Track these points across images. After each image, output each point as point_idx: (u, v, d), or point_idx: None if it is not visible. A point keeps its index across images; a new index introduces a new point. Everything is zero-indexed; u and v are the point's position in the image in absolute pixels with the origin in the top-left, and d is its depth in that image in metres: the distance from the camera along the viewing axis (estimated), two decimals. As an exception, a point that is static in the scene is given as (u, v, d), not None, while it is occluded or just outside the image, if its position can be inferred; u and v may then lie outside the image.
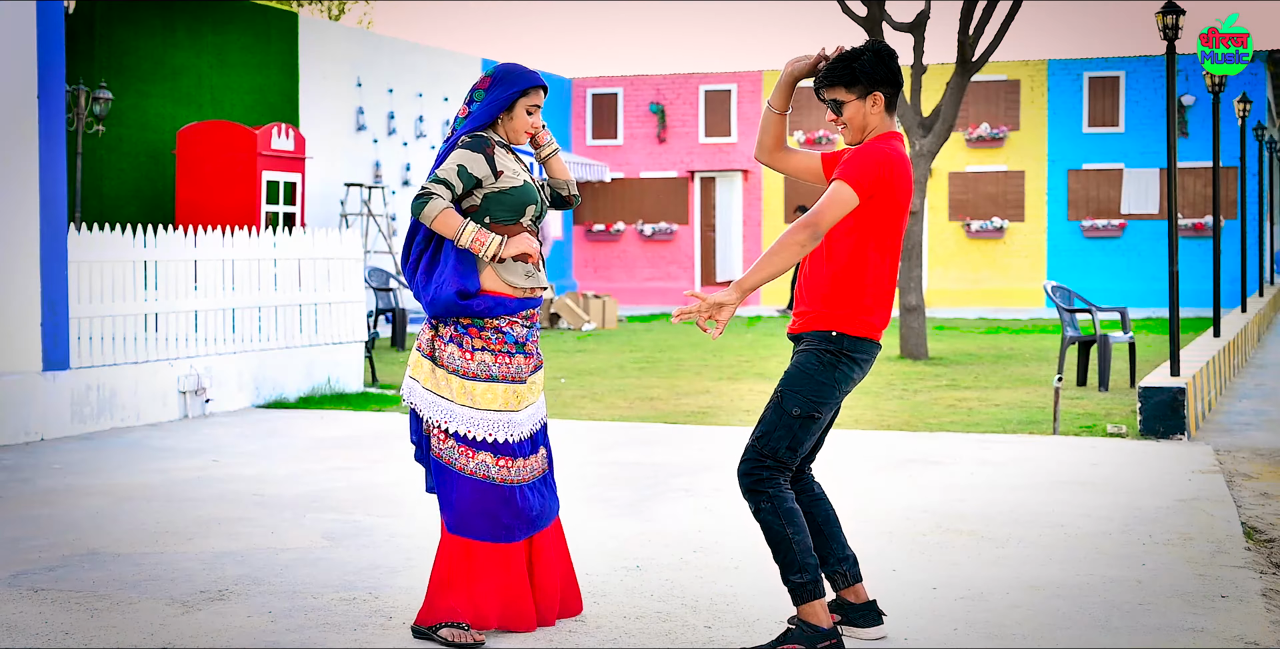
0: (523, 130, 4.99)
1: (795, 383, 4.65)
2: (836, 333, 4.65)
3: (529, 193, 4.96)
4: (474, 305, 4.85)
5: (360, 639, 4.82)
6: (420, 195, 4.82)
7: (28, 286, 9.70)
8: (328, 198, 21.81)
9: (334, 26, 22.89)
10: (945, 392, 12.76)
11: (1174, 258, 10.81)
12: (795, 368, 4.68)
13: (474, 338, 4.89)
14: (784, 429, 4.63)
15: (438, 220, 4.80)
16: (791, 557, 4.59)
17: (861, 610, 4.85)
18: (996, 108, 29.09)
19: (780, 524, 4.60)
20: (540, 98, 5.00)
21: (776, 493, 4.62)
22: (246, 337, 11.73)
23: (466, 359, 4.88)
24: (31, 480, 8.05)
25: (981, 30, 16.20)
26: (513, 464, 4.87)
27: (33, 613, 5.16)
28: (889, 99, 4.74)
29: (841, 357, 4.65)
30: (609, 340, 19.42)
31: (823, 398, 4.64)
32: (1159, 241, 28.08)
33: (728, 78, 30.74)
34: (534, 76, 4.98)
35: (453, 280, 4.85)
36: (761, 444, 4.64)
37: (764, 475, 4.63)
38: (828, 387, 4.64)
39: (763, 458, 4.63)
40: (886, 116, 4.76)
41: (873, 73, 4.69)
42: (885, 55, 4.73)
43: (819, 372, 4.64)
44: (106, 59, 17.92)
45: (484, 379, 4.87)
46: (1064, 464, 8.59)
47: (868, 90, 4.71)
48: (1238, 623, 5.03)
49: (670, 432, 10.15)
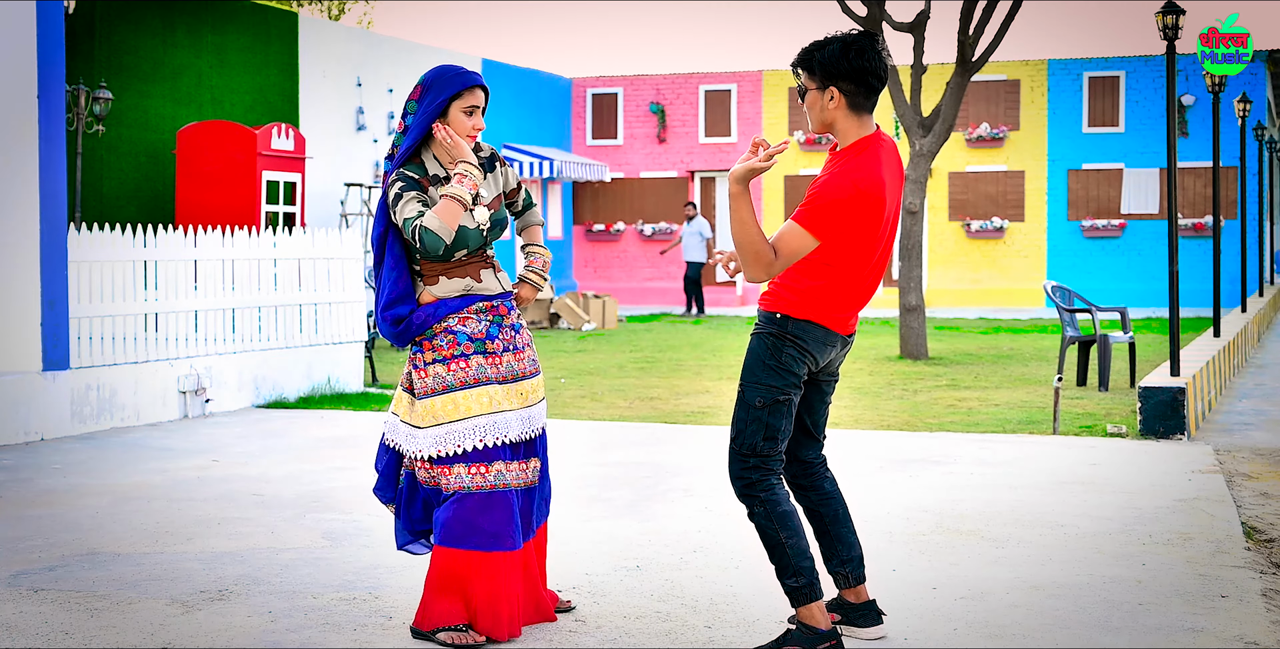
0: (464, 135, 4.79)
1: (749, 374, 4.60)
2: (780, 315, 4.56)
3: (459, 241, 4.75)
4: (413, 321, 4.79)
5: (360, 639, 4.82)
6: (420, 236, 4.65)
7: (28, 286, 9.70)
8: (328, 198, 21.81)
9: (334, 26, 22.89)
10: (945, 392, 12.76)
11: (1174, 258, 10.81)
12: (747, 357, 4.63)
13: (425, 351, 4.80)
14: (754, 423, 4.57)
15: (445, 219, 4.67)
16: (786, 561, 4.56)
17: (861, 610, 4.83)
18: (996, 108, 29.09)
19: (774, 529, 4.55)
20: (479, 97, 4.80)
21: (769, 496, 4.57)
22: (246, 337, 11.73)
23: (423, 378, 4.81)
24: (31, 480, 8.05)
25: (981, 30, 16.20)
26: (488, 470, 4.76)
27: (33, 613, 5.16)
28: (850, 96, 4.49)
29: (785, 339, 4.55)
30: (609, 340, 19.42)
31: (781, 380, 4.55)
32: (1159, 241, 28.08)
33: (728, 78, 30.74)
34: (468, 77, 4.78)
35: (382, 316, 4.80)
36: (738, 444, 4.60)
37: (753, 478, 4.58)
38: (779, 370, 4.55)
39: (744, 457, 4.59)
40: (851, 114, 4.52)
41: (830, 66, 4.47)
42: (855, 49, 4.47)
43: (766, 356, 4.56)
44: (106, 59, 17.91)
45: (440, 392, 4.77)
46: (1064, 464, 8.59)
47: (825, 83, 4.50)
48: (1238, 623, 5.03)
49: (670, 432, 10.15)
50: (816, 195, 4.42)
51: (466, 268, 4.87)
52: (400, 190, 4.77)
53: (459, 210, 4.72)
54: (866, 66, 4.48)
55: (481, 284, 4.88)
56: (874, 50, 4.50)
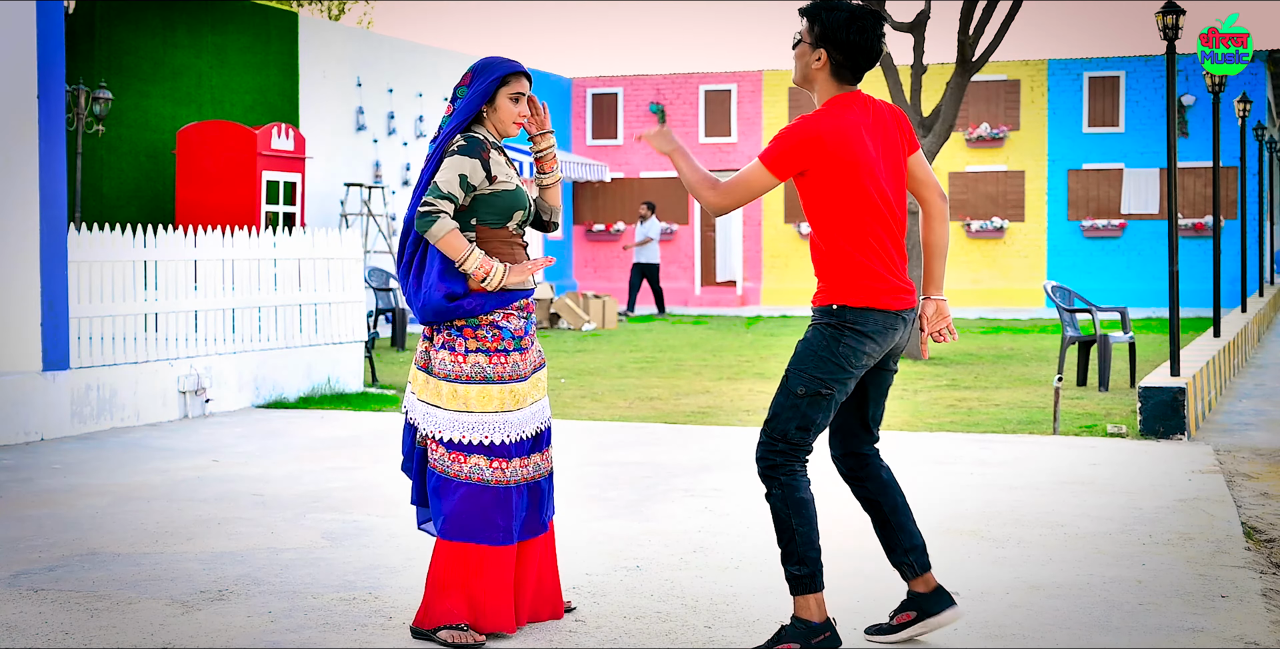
0: (510, 120, 4.92)
1: (799, 361, 4.59)
2: (837, 306, 4.57)
3: (519, 198, 4.92)
4: (465, 304, 4.82)
5: (360, 639, 4.82)
6: (425, 212, 4.73)
7: (28, 286, 9.70)
8: (328, 198, 21.81)
9: (334, 26, 22.89)
10: (945, 392, 12.76)
11: (1174, 258, 10.81)
12: (800, 345, 4.62)
13: (469, 339, 4.83)
14: (791, 410, 4.56)
15: (444, 241, 4.75)
16: (793, 547, 4.55)
17: (933, 598, 4.75)
18: (996, 108, 29.09)
19: (787, 513, 4.55)
20: (523, 84, 4.92)
21: (789, 481, 4.56)
22: (246, 337, 11.72)
23: (459, 363, 4.82)
24: (31, 480, 8.05)
25: (981, 30, 16.20)
26: (507, 465, 4.81)
27: (33, 613, 5.16)
28: (836, 64, 4.57)
29: (844, 329, 4.55)
30: (609, 340, 19.42)
31: (828, 373, 4.54)
32: (1159, 241, 28.08)
33: (728, 78, 30.74)
34: (512, 64, 4.92)
35: (439, 285, 4.81)
36: (771, 427, 4.60)
37: (777, 461, 4.58)
38: (832, 361, 4.54)
39: (773, 441, 4.58)
40: (832, 80, 4.59)
41: (831, 29, 4.54)
42: (858, 25, 4.54)
43: (821, 347, 4.56)
44: (106, 59, 17.91)
45: (478, 381, 4.81)
46: (1064, 464, 8.59)
47: (818, 43, 4.58)
48: (1238, 623, 5.03)
49: (670, 432, 10.15)
50: (778, 134, 4.54)
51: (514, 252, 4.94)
52: (458, 150, 4.80)
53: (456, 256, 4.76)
54: (861, 43, 4.56)
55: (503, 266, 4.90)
56: (875, 31, 4.58)
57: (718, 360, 16.16)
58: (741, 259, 30.67)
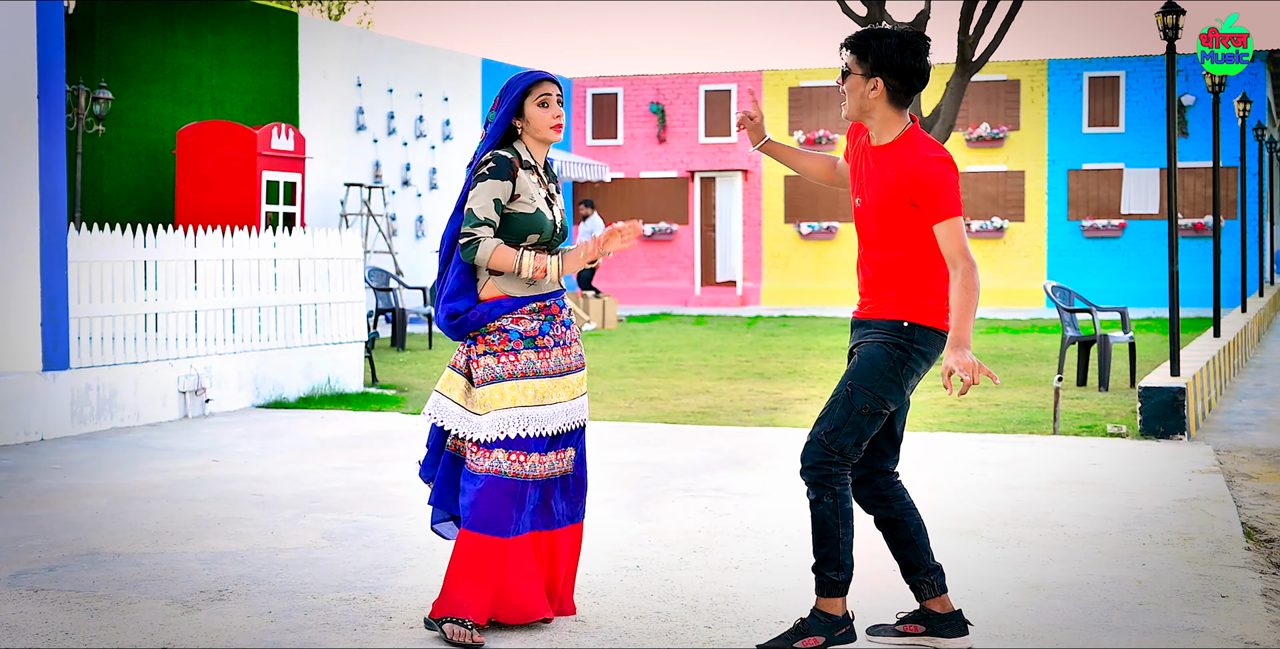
0: (546, 126, 4.96)
1: (865, 378, 4.59)
2: (908, 323, 4.58)
3: (536, 222, 4.93)
4: (469, 316, 4.92)
5: (360, 639, 4.82)
6: (467, 243, 4.83)
7: (28, 286, 9.70)
8: (328, 198, 21.81)
9: (334, 26, 22.89)
10: (945, 391, 12.75)
11: (1174, 258, 10.81)
12: (865, 361, 4.61)
13: (479, 345, 4.94)
14: (852, 426, 4.57)
15: (494, 259, 4.85)
16: (835, 554, 4.59)
17: (948, 620, 4.75)
18: (996, 108, 29.09)
19: (835, 522, 4.58)
20: (549, 88, 4.97)
21: (842, 491, 4.59)
22: (246, 336, 11.73)
23: (475, 368, 4.94)
24: (31, 480, 8.05)
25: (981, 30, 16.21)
26: (526, 459, 4.86)
27: (33, 613, 5.16)
28: (893, 91, 4.61)
29: (911, 350, 4.58)
30: (609, 340, 19.42)
31: (890, 394, 4.58)
32: (1159, 241, 28.08)
33: (728, 78, 30.74)
34: (535, 73, 5.00)
35: (443, 307, 4.96)
36: (830, 440, 4.59)
37: (832, 471, 4.59)
38: (895, 382, 4.58)
39: (830, 453, 4.59)
40: (891, 107, 4.63)
41: (885, 57, 4.58)
42: (911, 49, 4.59)
43: (888, 367, 4.58)
44: (106, 59, 17.92)
45: (489, 382, 4.89)
46: (1064, 464, 8.59)
47: (873, 72, 4.61)
48: (1238, 623, 5.03)
49: (670, 432, 10.15)
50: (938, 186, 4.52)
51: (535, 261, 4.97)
52: (488, 173, 4.87)
53: (509, 267, 4.86)
54: (917, 67, 4.62)
55: (543, 282, 4.99)
56: (926, 53, 4.64)
57: (718, 360, 16.16)
58: (741, 259, 30.68)
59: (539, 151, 5.04)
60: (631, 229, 4.95)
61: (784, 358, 16.47)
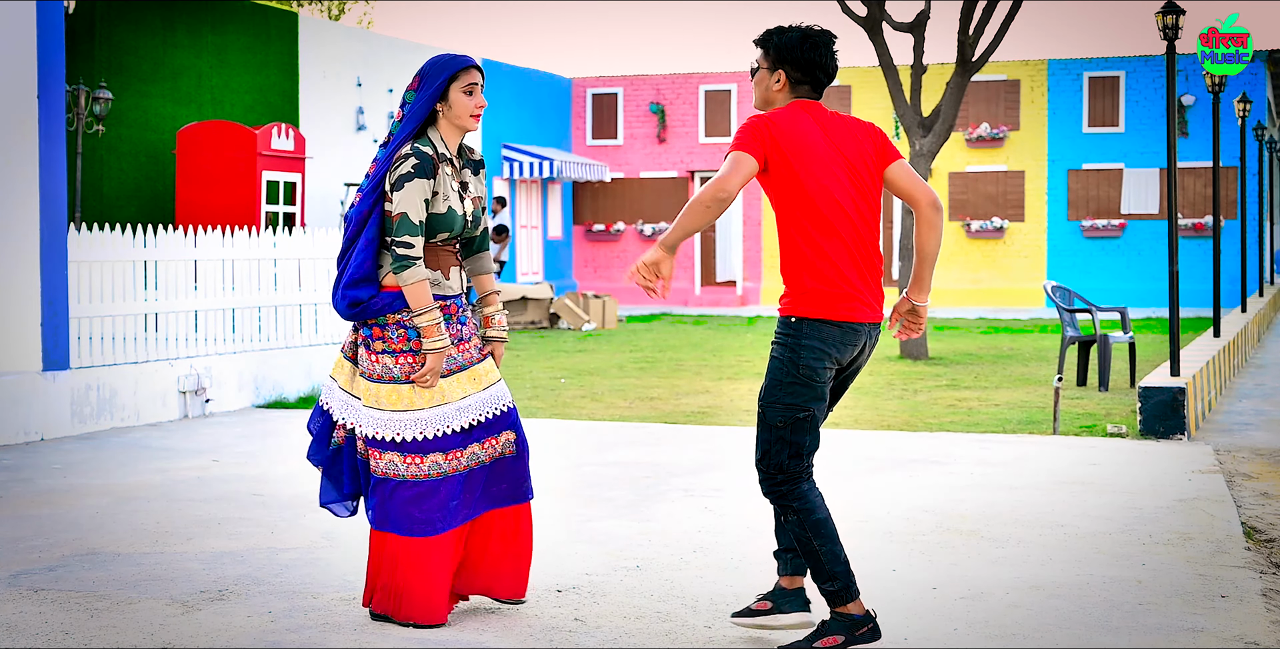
0: (467, 113, 4.92)
1: (768, 393, 4.61)
2: (795, 318, 4.58)
3: (448, 221, 4.91)
4: (371, 305, 4.88)
5: (360, 639, 4.82)
6: (403, 256, 4.78)
7: (28, 286, 9.70)
8: (328, 198, 21.81)
9: (334, 26, 22.89)
10: (945, 392, 12.76)
11: (1174, 258, 10.81)
12: (767, 375, 4.64)
13: (376, 340, 4.90)
14: (778, 443, 4.59)
15: (413, 289, 4.80)
16: (820, 566, 4.59)
17: (790, 597, 4.79)
18: (996, 108, 29.09)
19: (807, 537, 4.58)
20: (475, 76, 4.93)
21: (801, 505, 4.58)
22: (246, 337, 11.73)
23: (371, 361, 4.91)
24: (31, 480, 8.05)
25: (981, 30, 16.20)
26: (423, 460, 4.85)
27: (33, 613, 5.16)
28: (795, 82, 4.68)
29: (800, 346, 4.54)
30: (609, 340, 19.42)
31: (799, 398, 4.56)
32: (1159, 241, 28.08)
33: (728, 78, 30.74)
34: (462, 59, 4.94)
35: (344, 293, 4.90)
36: (765, 464, 4.62)
37: (783, 490, 4.61)
38: (799, 384, 4.55)
39: (771, 475, 4.62)
40: (792, 96, 4.70)
41: (785, 51, 4.66)
42: (810, 42, 4.66)
43: (784, 372, 4.57)
44: (106, 59, 17.92)
45: (387, 381, 4.88)
46: (1064, 464, 8.59)
47: (775, 65, 4.70)
48: (1238, 623, 5.03)
49: (670, 432, 10.15)
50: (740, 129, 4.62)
51: (440, 258, 4.98)
52: (415, 172, 4.83)
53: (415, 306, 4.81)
54: (817, 61, 4.68)
55: (447, 282, 4.99)
56: (829, 48, 4.71)
57: (718, 360, 16.16)
58: (741, 259, 30.68)
59: (453, 139, 5.00)
60: (433, 377, 4.85)
61: (784, 358, 16.45)
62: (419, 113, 4.91)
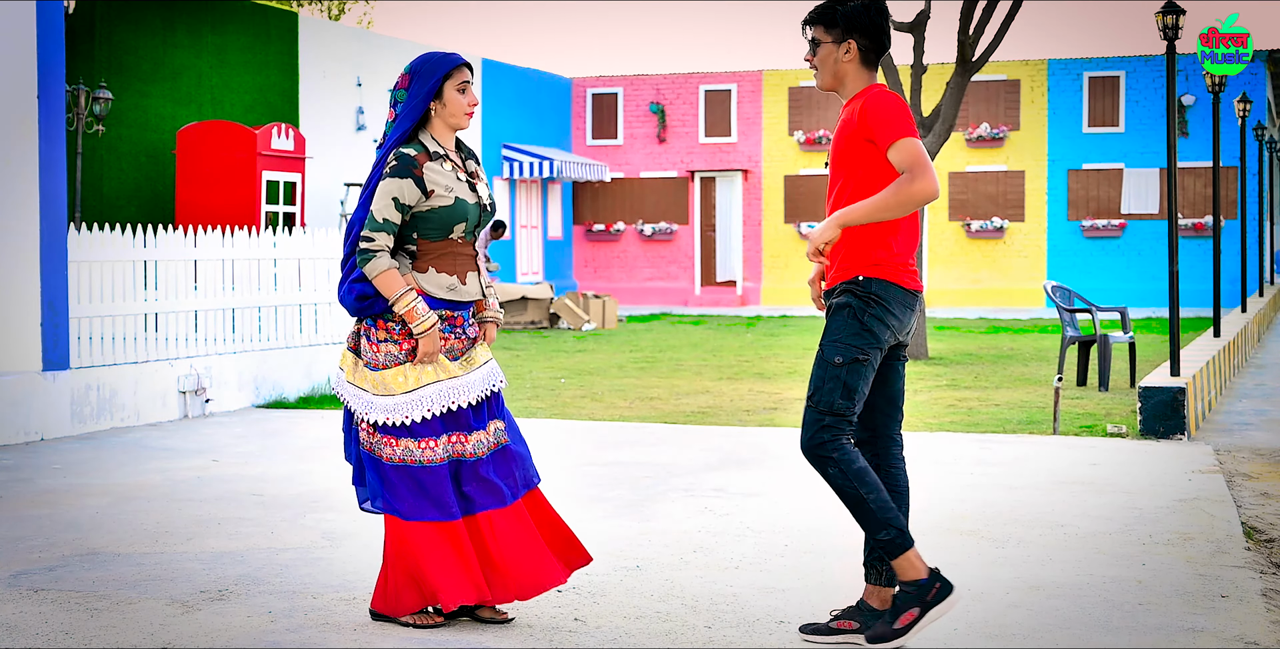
0: (461, 112, 4.93)
1: (830, 334, 4.62)
2: (863, 277, 4.60)
3: (458, 211, 4.90)
4: (377, 305, 4.88)
5: (360, 639, 4.82)
6: (365, 249, 4.79)
7: (28, 286, 9.70)
8: (328, 198, 21.81)
9: (334, 26, 22.89)
10: (945, 392, 12.76)
11: (1174, 258, 10.81)
12: (829, 320, 4.66)
13: (379, 330, 4.91)
14: (832, 381, 4.58)
15: (380, 279, 4.80)
16: (871, 516, 4.54)
17: (880, 616, 4.70)
18: (996, 108, 29.09)
19: (852, 487, 4.55)
20: (467, 74, 4.94)
21: (841, 456, 4.56)
22: (246, 337, 11.73)
23: (374, 352, 4.92)
24: (31, 480, 8.05)
25: (981, 30, 16.20)
26: (436, 444, 4.86)
27: (33, 613, 5.16)
28: (864, 52, 4.68)
29: (870, 300, 4.58)
30: (609, 340, 19.42)
31: (861, 342, 4.58)
32: (1159, 241, 28.08)
33: (728, 78, 30.74)
34: (453, 57, 4.94)
35: (351, 288, 4.90)
36: (815, 401, 4.60)
37: (825, 437, 4.57)
38: (862, 330, 4.57)
39: (820, 415, 4.58)
40: (863, 70, 4.70)
41: (853, 18, 4.66)
42: (878, 6, 4.68)
43: (850, 317, 4.59)
44: (106, 59, 17.92)
45: (392, 366, 4.88)
46: (1064, 464, 8.59)
47: (844, 36, 4.67)
48: (1238, 623, 5.03)
49: (670, 432, 10.14)
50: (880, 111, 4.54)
51: (457, 262, 4.96)
52: (390, 172, 4.85)
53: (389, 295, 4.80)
54: (884, 26, 4.71)
55: (464, 287, 4.97)
56: (888, 12, 4.76)
57: (718, 360, 16.16)
58: (741, 259, 30.67)
59: (447, 138, 4.99)
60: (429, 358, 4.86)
61: (784, 358, 16.47)
62: (414, 111, 4.91)
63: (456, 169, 4.98)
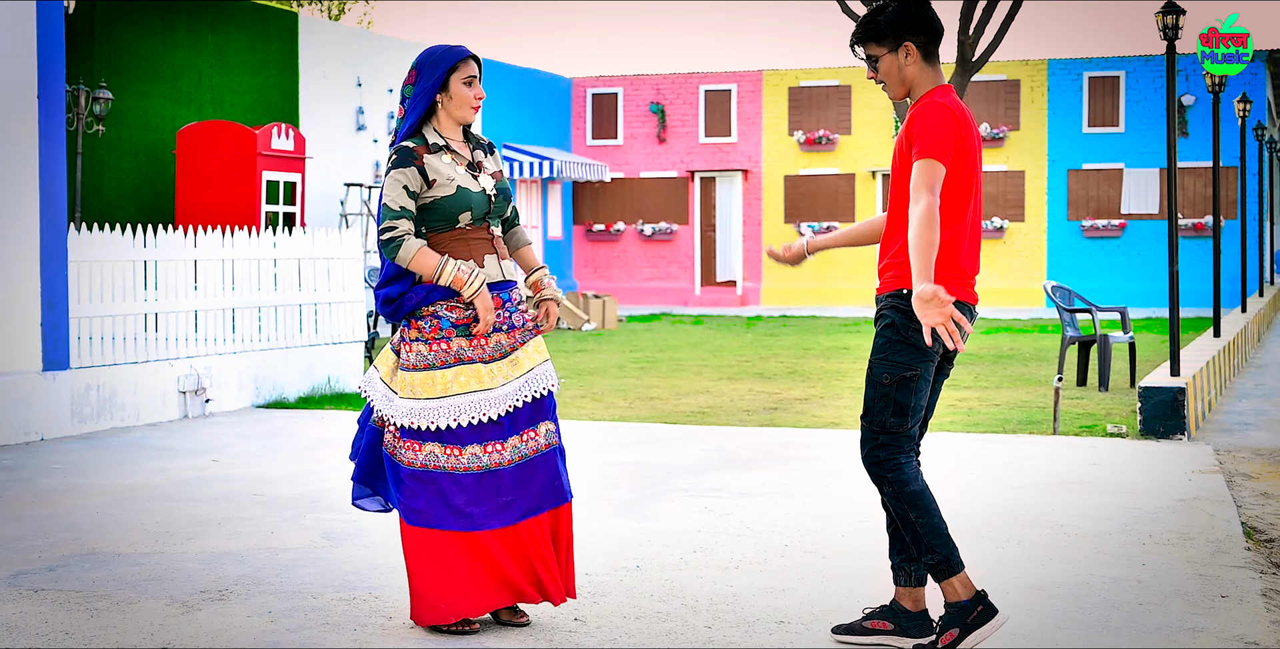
0: (467, 104, 4.91)
1: (878, 352, 4.59)
2: (906, 290, 4.54)
3: (460, 200, 4.87)
4: (405, 301, 4.88)
5: (360, 639, 4.82)
6: (389, 239, 4.78)
7: (28, 286, 9.70)
8: (328, 198, 21.81)
9: (334, 26, 22.89)
10: (945, 391, 12.76)
11: (1174, 258, 10.81)
12: (877, 337, 4.62)
13: (410, 329, 4.90)
14: (882, 400, 4.56)
15: (414, 261, 4.80)
16: (917, 539, 4.54)
17: (916, 620, 4.70)
18: (996, 108, 29.09)
19: (904, 509, 4.55)
20: (473, 68, 4.92)
21: (896, 477, 4.55)
22: (246, 337, 11.73)
23: (406, 352, 4.90)
24: (31, 480, 8.05)
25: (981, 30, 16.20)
26: (462, 452, 4.81)
27: (33, 613, 5.16)
28: (924, 48, 4.63)
29: (912, 314, 4.51)
30: (609, 340, 19.41)
31: (907, 357, 4.53)
32: (1159, 241, 28.08)
33: (728, 78, 30.74)
34: (458, 51, 4.92)
35: (378, 295, 4.93)
36: (868, 421, 4.60)
37: (881, 456, 4.57)
38: (909, 347, 4.53)
39: (874, 434, 4.58)
40: (927, 67, 4.64)
41: (899, 22, 4.60)
42: (912, 2, 4.62)
43: (894, 333, 4.55)
44: (106, 59, 17.91)
45: (421, 369, 4.84)
46: (1064, 464, 8.59)
47: (898, 42, 4.61)
48: (1238, 623, 5.03)
49: (670, 432, 10.15)
50: (921, 124, 4.47)
51: (472, 246, 4.93)
52: (390, 166, 4.86)
53: (430, 272, 4.80)
54: (930, 14, 4.66)
55: (483, 271, 4.92)
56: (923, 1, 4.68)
57: (718, 360, 16.16)
58: (741, 259, 30.67)
59: (452, 131, 4.98)
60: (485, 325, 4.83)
61: (784, 358, 16.47)
62: (419, 105, 4.91)
63: (457, 160, 4.95)
